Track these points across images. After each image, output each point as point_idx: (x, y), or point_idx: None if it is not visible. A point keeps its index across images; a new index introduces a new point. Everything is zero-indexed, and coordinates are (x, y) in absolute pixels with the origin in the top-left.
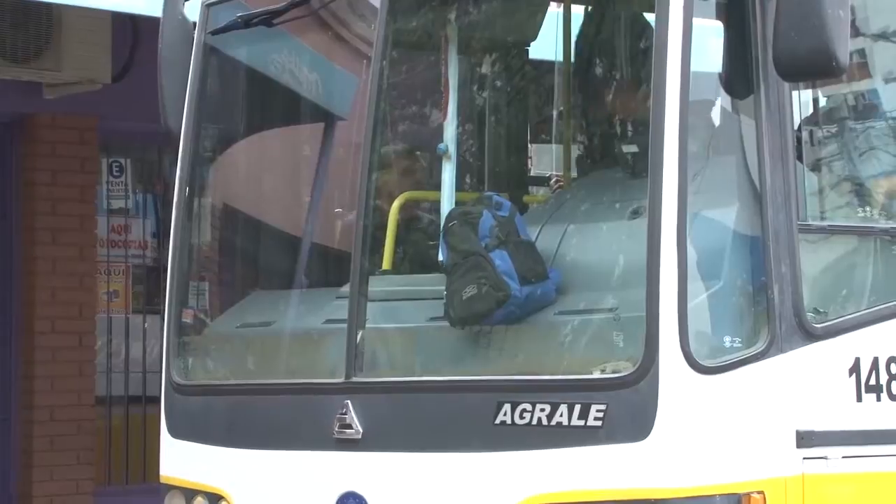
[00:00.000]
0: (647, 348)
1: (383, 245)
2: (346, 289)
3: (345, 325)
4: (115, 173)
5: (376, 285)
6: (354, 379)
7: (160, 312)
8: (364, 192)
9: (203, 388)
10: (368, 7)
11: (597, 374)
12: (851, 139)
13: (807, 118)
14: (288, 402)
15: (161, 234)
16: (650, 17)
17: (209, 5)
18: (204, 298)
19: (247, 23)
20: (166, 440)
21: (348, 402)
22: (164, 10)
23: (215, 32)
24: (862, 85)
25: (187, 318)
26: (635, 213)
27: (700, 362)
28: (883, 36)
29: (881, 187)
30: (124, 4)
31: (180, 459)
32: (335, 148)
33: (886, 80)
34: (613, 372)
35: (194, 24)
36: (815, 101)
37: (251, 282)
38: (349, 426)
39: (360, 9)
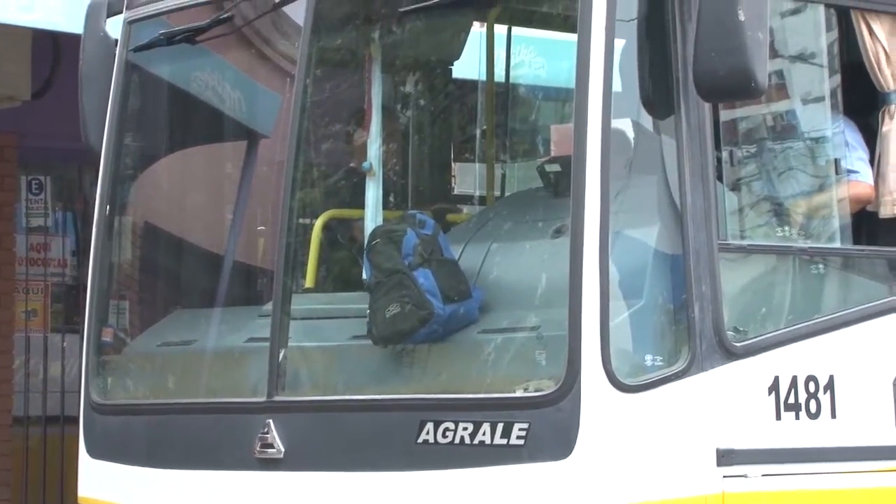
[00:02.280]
0: (570, 367)
1: (306, 263)
2: (268, 307)
3: (267, 344)
4: (34, 191)
5: (299, 303)
6: (276, 398)
7: (80, 331)
8: (287, 210)
9: (123, 407)
10: (292, 25)
11: (519, 393)
12: (770, 159)
13: (727, 138)
14: (209, 421)
15: (81, 253)
16: (572, 36)
17: (131, 22)
18: (124, 317)
19: (169, 40)
20: (85, 460)
21: (270, 421)
22: (86, 27)
23: (137, 49)
24: (780, 105)
25: (107, 336)
26: (558, 232)
27: (622, 381)
28: (800, 57)
29: (799, 207)
30: (45, 21)
31: (99, 480)
32: (258, 166)
33: (804, 101)
34: (536, 390)
35: (116, 41)
36: (735, 121)
37: (173, 300)
38: (271, 446)
39: (283, 27)
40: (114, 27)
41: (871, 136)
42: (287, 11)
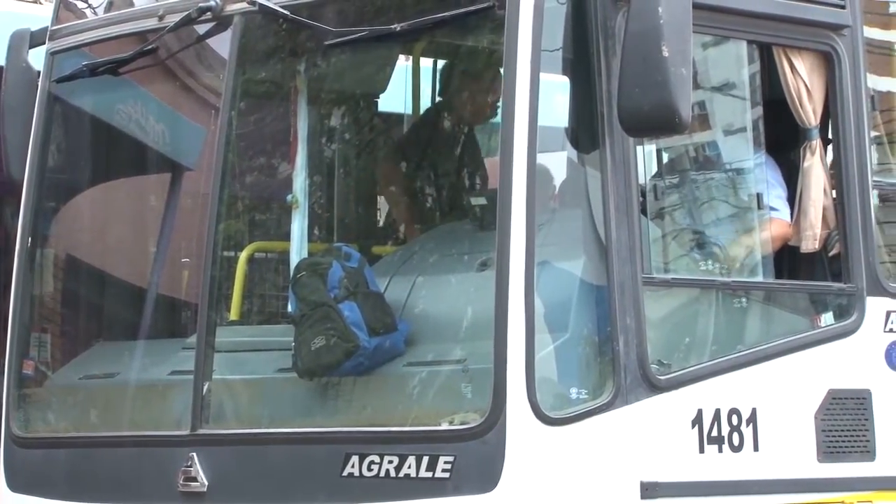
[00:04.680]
0: (495, 400)
1: (231, 295)
2: (192, 339)
3: (191, 377)
4: None
5: (224, 336)
6: (200, 431)
7: (0, 364)
8: (211, 242)
9: (44, 440)
10: (217, 57)
11: (445, 426)
12: (693, 191)
13: (651, 171)
14: (132, 454)
15: (2, 285)
16: (499, 71)
17: (54, 53)
18: (46, 350)
19: (92, 71)
20: (5, 494)
21: (194, 454)
22: (8, 58)
23: (60, 80)
24: (703, 137)
25: (28, 369)
26: (483, 266)
27: (547, 414)
28: (724, 90)
29: (723, 240)
30: None
31: None
32: (182, 198)
33: (725, 133)
34: (461, 423)
35: (39, 72)
36: (659, 153)
37: (95, 332)
38: (194, 479)
39: (208, 59)
40: (36, 58)
41: (793, 172)
42: (212, 44)
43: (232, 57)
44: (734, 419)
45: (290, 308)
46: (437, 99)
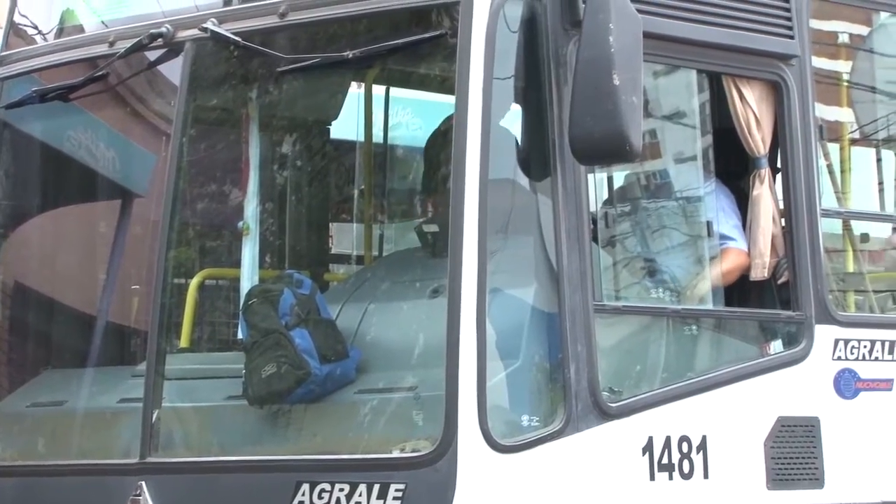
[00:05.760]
0: (447, 427)
1: (181, 323)
2: (142, 367)
3: (140, 404)
4: None
5: (174, 363)
6: (149, 459)
7: None
8: (162, 269)
9: None
10: (168, 84)
11: (396, 454)
12: (644, 219)
13: (603, 198)
14: (80, 483)
15: None
16: (450, 98)
17: (3, 79)
18: None
19: (42, 97)
20: None
21: (143, 483)
22: None
23: (9, 107)
24: (654, 165)
25: None
26: (435, 293)
27: (498, 441)
28: (672, 117)
29: (673, 267)
30: None
31: None
32: (133, 225)
33: (676, 161)
34: (413, 451)
35: None
36: (610, 181)
37: (43, 360)
38: None
39: (159, 85)
40: None
41: (744, 200)
42: (162, 70)
43: (183, 83)
44: (684, 446)
45: (240, 335)
46: (390, 126)
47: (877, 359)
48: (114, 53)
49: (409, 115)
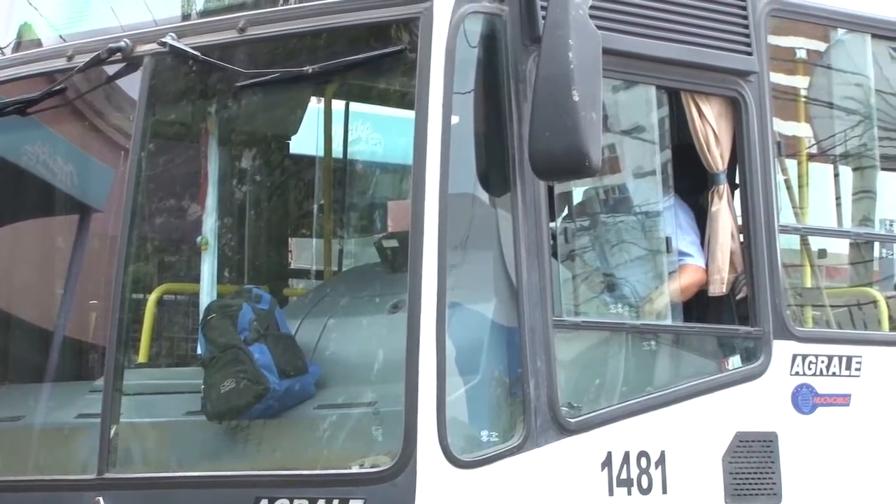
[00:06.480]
0: (406, 442)
1: (139, 338)
2: (99, 382)
3: (98, 420)
4: None
5: (132, 379)
6: (107, 475)
7: None
8: (120, 284)
9: None
10: (126, 98)
11: (355, 469)
12: (603, 233)
13: (562, 214)
14: (37, 499)
15: None
16: (409, 113)
17: None
18: None
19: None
20: None
21: (100, 499)
22: None
23: None
24: (613, 180)
25: None
26: (395, 308)
27: (458, 456)
28: (632, 133)
29: (632, 283)
30: None
31: None
32: (91, 240)
33: (635, 176)
34: (372, 466)
35: None
36: (570, 195)
37: (0, 376)
38: None
39: (117, 100)
40: None
41: (703, 216)
42: (121, 84)
43: (142, 98)
44: (643, 462)
45: (199, 350)
46: (349, 141)
47: (834, 374)
48: (72, 67)
49: (369, 130)
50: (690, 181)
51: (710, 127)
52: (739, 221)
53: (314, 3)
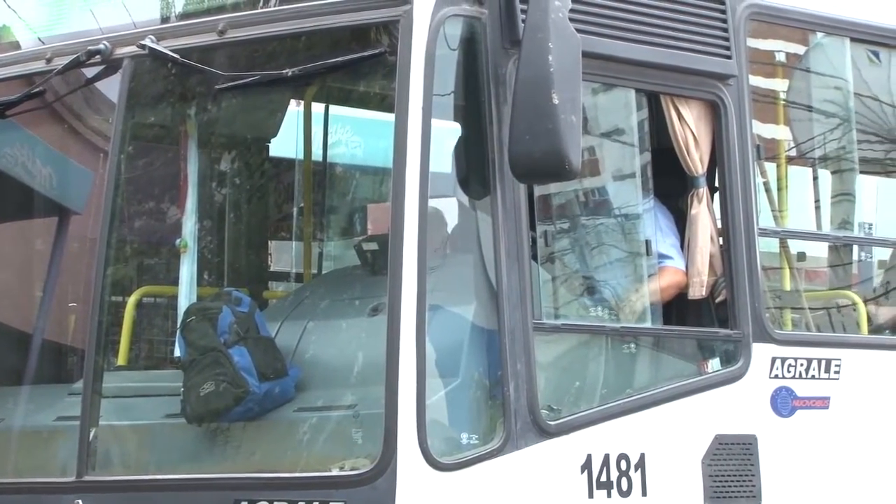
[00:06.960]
0: (386, 445)
1: (119, 340)
2: (79, 385)
3: (77, 423)
4: None
5: (111, 381)
6: (86, 477)
7: None
8: (99, 286)
9: None
10: (105, 101)
11: (335, 472)
12: (583, 236)
13: (542, 217)
14: (16, 502)
15: None
16: (389, 116)
17: None
18: None
19: None
20: None
21: (79, 501)
22: None
23: None
24: (593, 182)
25: None
26: (375, 310)
27: (438, 459)
28: (611, 135)
29: (612, 286)
30: None
31: None
32: (70, 242)
33: (615, 179)
34: (352, 469)
35: None
36: (549, 198)
37: None
38: None
39: (96, 102)
40: None
41: (683, 219)
42: (100, 87)
43: (121, 100)
44: (623, 464)
45: (178, 353)
46: (329, 144)
47: (813, 377)
48: (51, 70)
49: (349, 133)
50: (670, 184)
51: (690, 130)
52: (719, 224)
53: (294, 5)
